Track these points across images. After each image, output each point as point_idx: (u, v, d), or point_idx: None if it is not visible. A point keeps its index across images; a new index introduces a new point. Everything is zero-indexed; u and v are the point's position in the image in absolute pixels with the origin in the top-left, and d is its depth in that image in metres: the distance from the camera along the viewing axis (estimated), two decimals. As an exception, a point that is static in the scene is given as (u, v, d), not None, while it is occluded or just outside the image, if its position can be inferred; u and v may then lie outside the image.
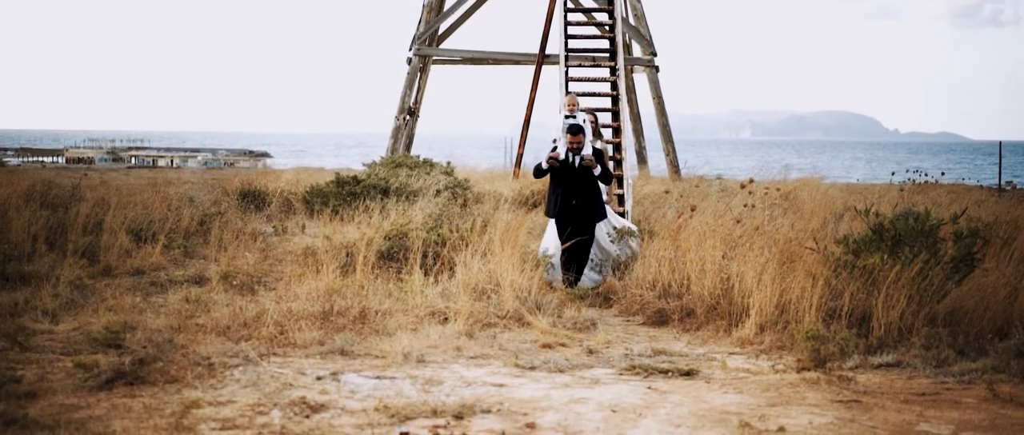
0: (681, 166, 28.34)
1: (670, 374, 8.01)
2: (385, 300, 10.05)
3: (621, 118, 19.47)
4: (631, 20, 27.58)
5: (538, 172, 12.11)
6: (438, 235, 12.31)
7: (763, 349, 9.02)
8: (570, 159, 11.81)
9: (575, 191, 11.83)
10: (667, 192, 17.10)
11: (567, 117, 14.95)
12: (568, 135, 11.88)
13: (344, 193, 17.95)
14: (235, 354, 8.08)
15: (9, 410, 6.33)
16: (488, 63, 27.84)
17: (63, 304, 10.03)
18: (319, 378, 7.54)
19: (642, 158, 29.17)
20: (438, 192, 18.10)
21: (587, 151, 11.86)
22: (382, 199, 16.64)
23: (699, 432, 6.49)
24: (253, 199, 19.06)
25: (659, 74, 27.91)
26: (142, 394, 6.94)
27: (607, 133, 18.76)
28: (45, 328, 9.10)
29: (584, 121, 14.22)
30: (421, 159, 20.88)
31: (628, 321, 10.57)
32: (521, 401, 7.10)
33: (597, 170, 11.82)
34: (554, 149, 12.11)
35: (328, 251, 11.98)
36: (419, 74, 27.41)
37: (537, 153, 25.51)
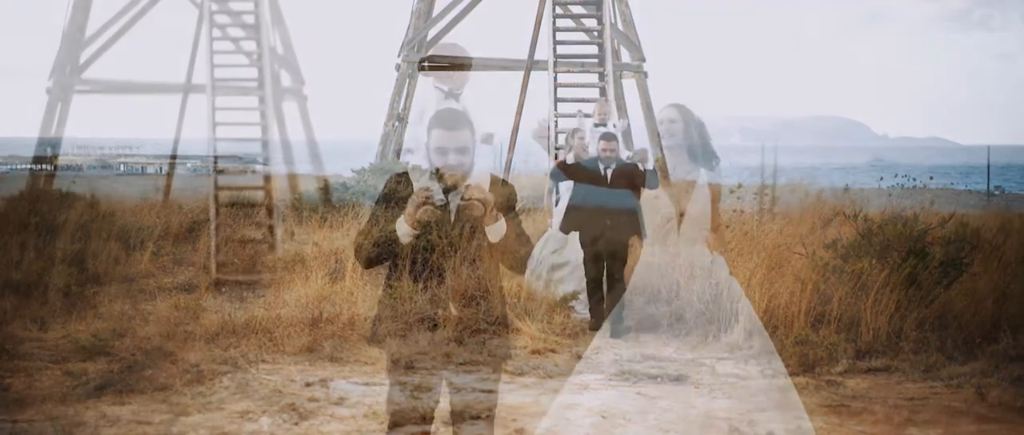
0: (669, 171, 28.35)
1: (659, 380, 8.01)
2: (374, 306, 10.01)
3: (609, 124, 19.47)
4: (619, 26, 27.60)
5: (560, 173, 10.62)
6: (427, 241, 12.26)
7: (752, 354, 9.01)
8: (602, 170, 10.37)
9: (609, 210, 10.34)
10: (656, 197, 17.09)
11: (597, 125, 14.91)
12: (602, 141, 10.49)
13: (333, 199, 17.90)
14: (224, 361, 8.06)
15: (-3, 418, 6.31)
16: (476, 69, 27.82)
17: (52, 312, 9.98)
18: (308, 385, 7.52)
19: (631, 164, 29.13)
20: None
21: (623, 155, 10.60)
22: (371, 205, 16.60)
23: (688, 437, 6.49)
24: (242, 206, 18.98)
25: (647, 80, 27.93)
26: (131, 401, 6.92)
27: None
28: (34, 335, 9.06)
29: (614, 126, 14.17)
30: (410, 165, 20.83)
31: (618, 326, 10.54)
32: (511, 407, 7.09)
33: (649, 163, 10.35)
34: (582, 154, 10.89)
35: (317, 258, 11.94)
36: (408, 80, 27.39)
37: (527, 158, 25.49)
